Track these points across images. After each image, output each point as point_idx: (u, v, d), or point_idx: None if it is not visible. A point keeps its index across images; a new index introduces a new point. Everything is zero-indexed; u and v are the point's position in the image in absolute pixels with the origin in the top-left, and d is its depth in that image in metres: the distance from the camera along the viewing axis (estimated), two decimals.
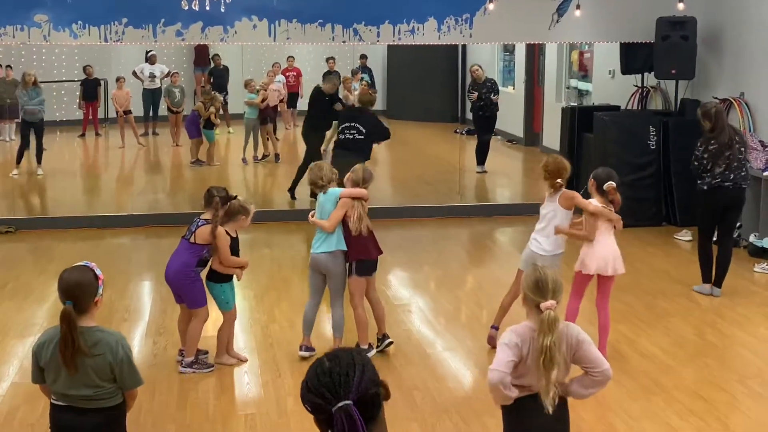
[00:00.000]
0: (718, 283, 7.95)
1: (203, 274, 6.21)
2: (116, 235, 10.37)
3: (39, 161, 13.80)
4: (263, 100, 14.92)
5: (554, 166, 6.23)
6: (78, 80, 18.16)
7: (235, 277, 6.29)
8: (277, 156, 15.14)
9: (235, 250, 6.18)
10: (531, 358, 3.61)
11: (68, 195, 12.71)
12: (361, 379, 2.33)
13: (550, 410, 3.58)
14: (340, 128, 10.51)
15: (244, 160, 14.96)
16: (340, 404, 2.28)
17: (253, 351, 6.59)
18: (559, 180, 6.20)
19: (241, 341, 6.76)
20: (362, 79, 18.83)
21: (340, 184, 6.39)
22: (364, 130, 10.22)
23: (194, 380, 6.10)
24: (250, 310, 7.55)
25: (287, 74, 18.88)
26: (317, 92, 12.01)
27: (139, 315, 7.50)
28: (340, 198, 6.20)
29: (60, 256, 9.29)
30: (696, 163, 7.83)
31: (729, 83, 10.47)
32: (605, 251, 6.23)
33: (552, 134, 14.65)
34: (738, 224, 8.84)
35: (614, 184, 6.19)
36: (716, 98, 10.44)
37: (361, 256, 6.25)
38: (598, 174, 6.32)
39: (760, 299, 7.87)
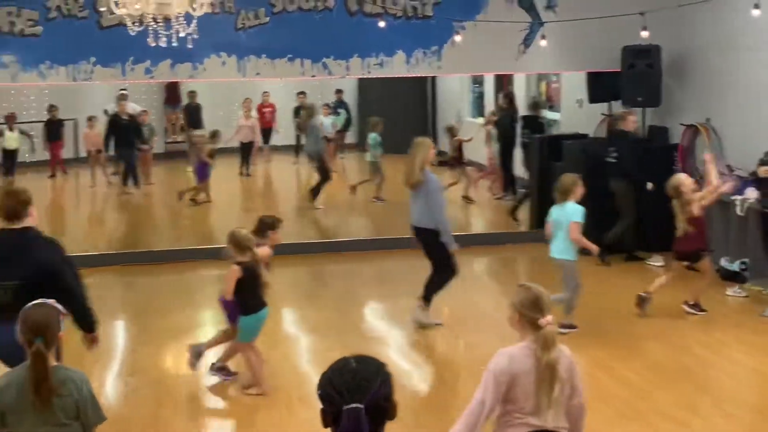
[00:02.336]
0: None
1: None
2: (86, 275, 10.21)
3: None
4: None
5: None
6: (44, 121, 18.00)
7: None
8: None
9: None
10: (528, 380, 3.61)
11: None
12: (378, 391, 2.49)
13: (550, 424, 3.61)
14: None
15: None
16: (352, 405, 2.43)
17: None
18: None
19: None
20: (338, 114, 18.93)
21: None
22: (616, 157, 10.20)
23: None
24: None
25: (263, 110, 18.76)
26: None
27: (110, 355, 7.39)
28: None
29: None
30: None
31: (695, 109, 10.59)
32: None
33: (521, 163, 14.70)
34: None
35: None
36: (683, 124, 10.57)
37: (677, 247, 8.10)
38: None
39: (733, 322, 7.89)
